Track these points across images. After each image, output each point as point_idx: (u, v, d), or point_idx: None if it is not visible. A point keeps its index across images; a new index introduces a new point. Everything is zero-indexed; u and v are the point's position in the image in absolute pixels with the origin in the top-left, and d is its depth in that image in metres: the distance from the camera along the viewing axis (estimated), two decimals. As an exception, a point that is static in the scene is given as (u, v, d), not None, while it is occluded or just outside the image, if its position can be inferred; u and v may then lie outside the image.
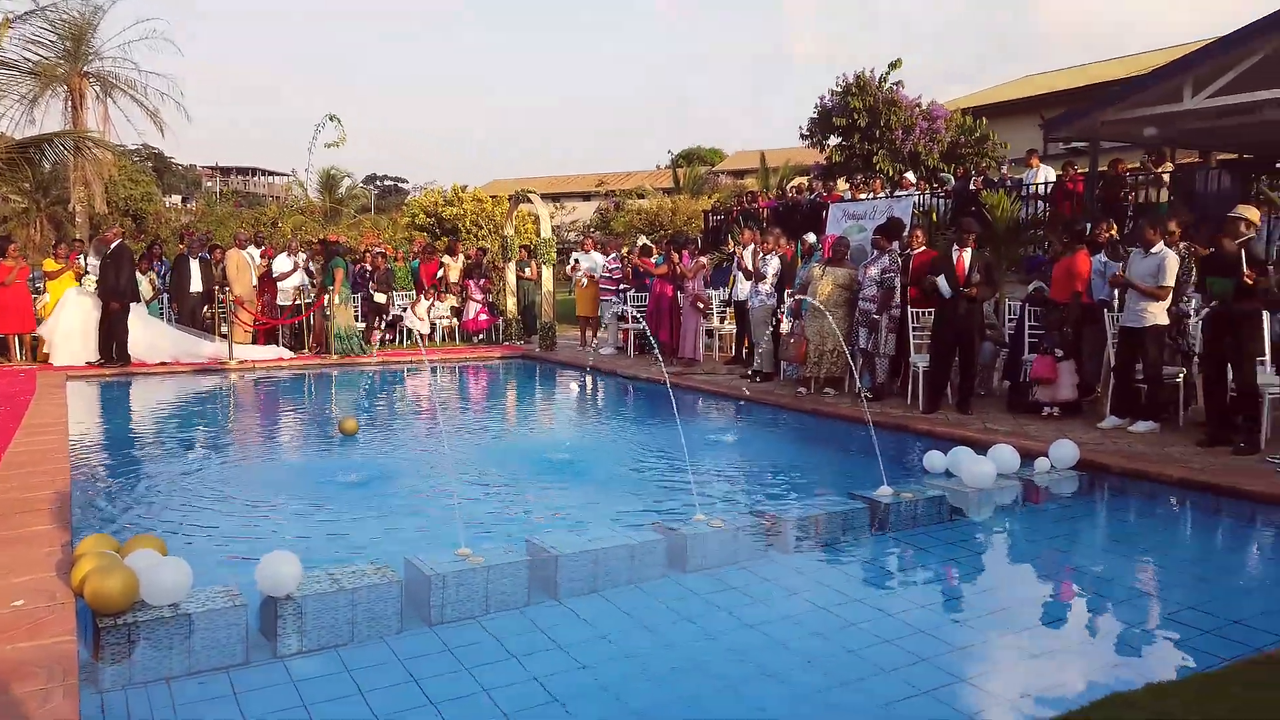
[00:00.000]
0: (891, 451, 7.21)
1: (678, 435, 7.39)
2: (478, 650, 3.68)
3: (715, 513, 5.14)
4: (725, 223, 19.01)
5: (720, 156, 48.91)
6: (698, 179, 34.23)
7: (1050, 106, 21.31)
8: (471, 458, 7.58)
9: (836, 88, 20.00)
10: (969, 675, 3.56)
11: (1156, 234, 7.41)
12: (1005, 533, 5.73)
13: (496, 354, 14.78)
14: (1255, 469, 6.12)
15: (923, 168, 19.15)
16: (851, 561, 5.06)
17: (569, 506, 6.11)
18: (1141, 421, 7.41)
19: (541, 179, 51.72)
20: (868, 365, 9.53)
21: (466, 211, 24.11)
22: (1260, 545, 5.44)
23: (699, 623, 4.02)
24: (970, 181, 14.82)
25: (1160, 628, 4.21)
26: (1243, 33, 11.10)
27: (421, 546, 4.54)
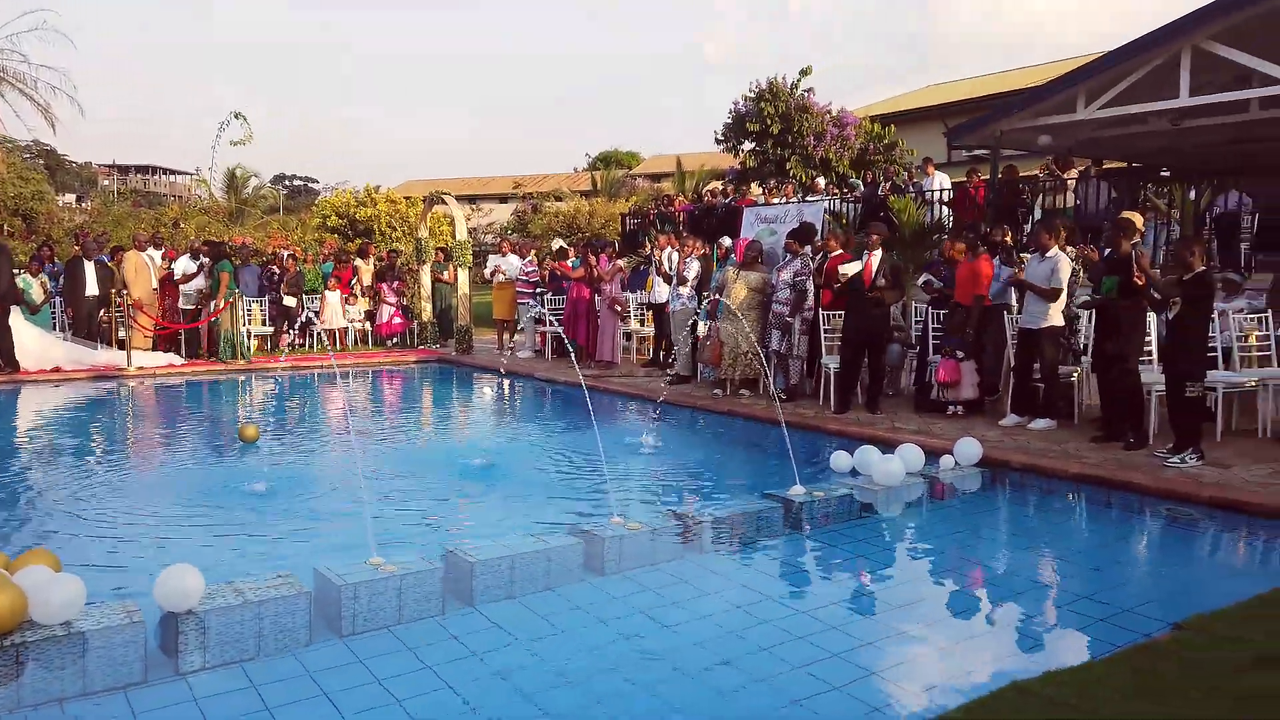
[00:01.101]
0: (804, 451, 7.34)
1: (595, 438, 7.40)
2: (391, 661, 3.61)
3: (633, 515, 5.16)
4: (642, 226, 19.11)
5: (637, 160, 49.09)
6: (615, 182, 34.30)
7: (955, 115, 22.05)
8: (384, 464, 7.44)
9: (750, 93, 20.30)
10: (878, 669, 3.65)
11: (1051, 239, 7.74)
12: (912, 529, 5.90)
13: (411, 358, 14.54)
14: (1143, 463, 6.44)
15: (834, 173, 19.59)
16: (766, 560, 5.15)
17: (485, 512, 6.06)
18: (1039, 419, 7.73)
19: (458, 180, 51.07)
20: (781, 367, 9.69)
21: (380, 213, 23.66)
22: (1148, 536, 5.73)
23: (616, 625, 4.03)
24: (879, 187, 15.22)
25: (1058, 618, 4.40)
26: (1129, 48, 11.67)
27: (332, 556, 4.44)
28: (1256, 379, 7.46)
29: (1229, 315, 7.97)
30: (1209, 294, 6.61)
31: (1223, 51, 10.93)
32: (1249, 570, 5.17)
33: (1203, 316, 6.51)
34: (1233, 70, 11.51)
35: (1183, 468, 6.27)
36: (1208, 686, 3.02)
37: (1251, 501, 5.46)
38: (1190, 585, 4.78)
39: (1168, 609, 4.09)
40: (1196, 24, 10.95)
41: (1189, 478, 6.03)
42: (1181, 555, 5.41)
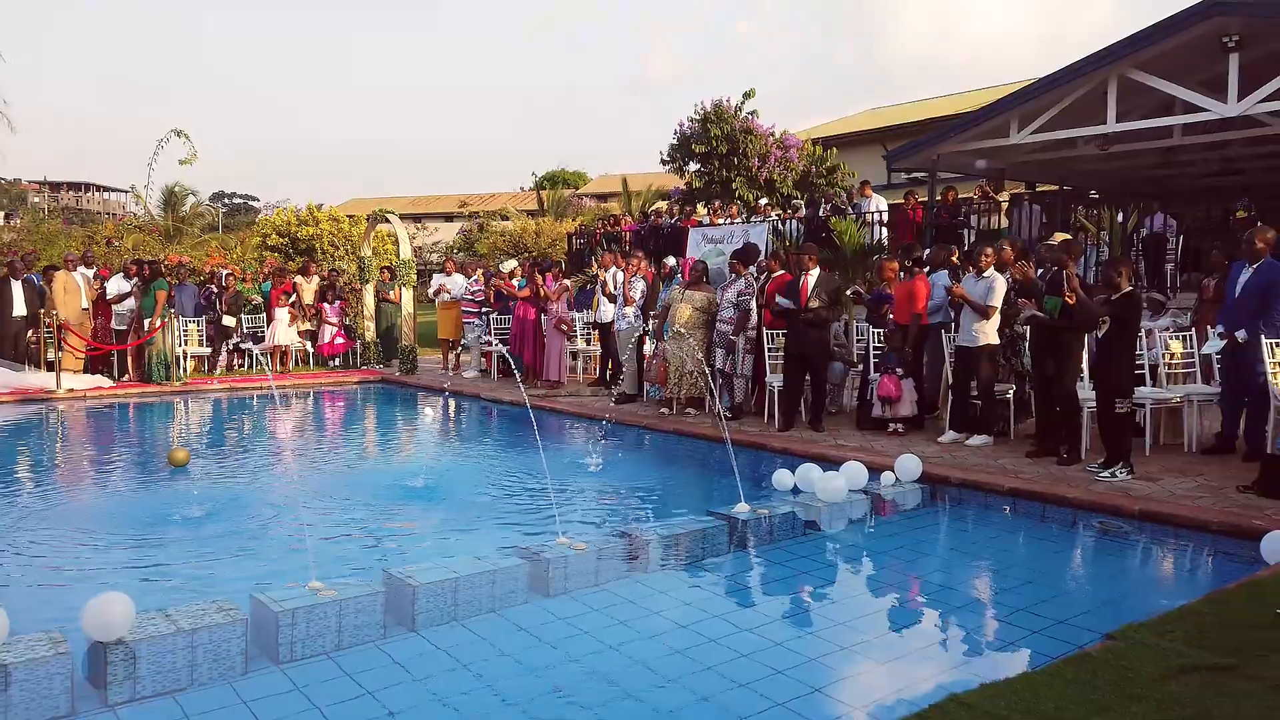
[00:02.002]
0: (749, 469, 7.41)
1: (541, 458, 7.37)
2: (330, 688, 3.54)
3: (579, 535, 5.14)
4: (589, 245, 19.15)
5: (584, 179, 49.19)
6: (561, 201, 34.34)
7: (894, 138, 22.52)
8: (325, 487, 7.31)
9: (696, 115, 20.51)
10: (822, 685, 3.68)
11: (988, 259, 7.94)
12: (854, 545, 5.97)
13: (354, 378, 14.33)
14: (1076, 478, 6.62)
15: (778, 194, 19.86)
16: (711, 578, 5.17)
17: (428, 534, 5.98)
18: (977, 435, 7.90)
19: (402, 199, 50.64)
20: (727, 385, 9.77)
21: (323, 232, 23.33)
22: (1081, 548, 5.88)
23: (561, 647, 4.00)
24: (819, 209, 15.48)
25: (996, 630, 4.49)
26: (1059, 75, 12.11)
27: (270, 582, 4.34)
28: (1182, 395, 7.72)
29: (1155, 333, 8.24)
30: (1136, 313, 6.83)
31: (1146, 80, 11.38)
32: (1176, 581, 5.34)
33: (1131, 335, 6.73)
34: (1157, 98, 12.00)
35: (1113, 481, 6.45)
36: (1135, 694, 3.11)
37: (1178, 514, 5.63)
38: (1121, 596, 4.91)
39: (1100, 619, 4.20)
40: (1121, 53, 11.40)
41: (1119, 491, 6.20)
42: (1113, 567, 5.57)
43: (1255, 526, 5.17)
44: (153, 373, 12.77)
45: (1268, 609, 3.91)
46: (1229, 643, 3.56)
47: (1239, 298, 7.08)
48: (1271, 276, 6.98)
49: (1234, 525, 5.35)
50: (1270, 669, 3.30)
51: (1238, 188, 14.54)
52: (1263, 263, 7.01)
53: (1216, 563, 5.27)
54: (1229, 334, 7.02)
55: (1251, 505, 5.78)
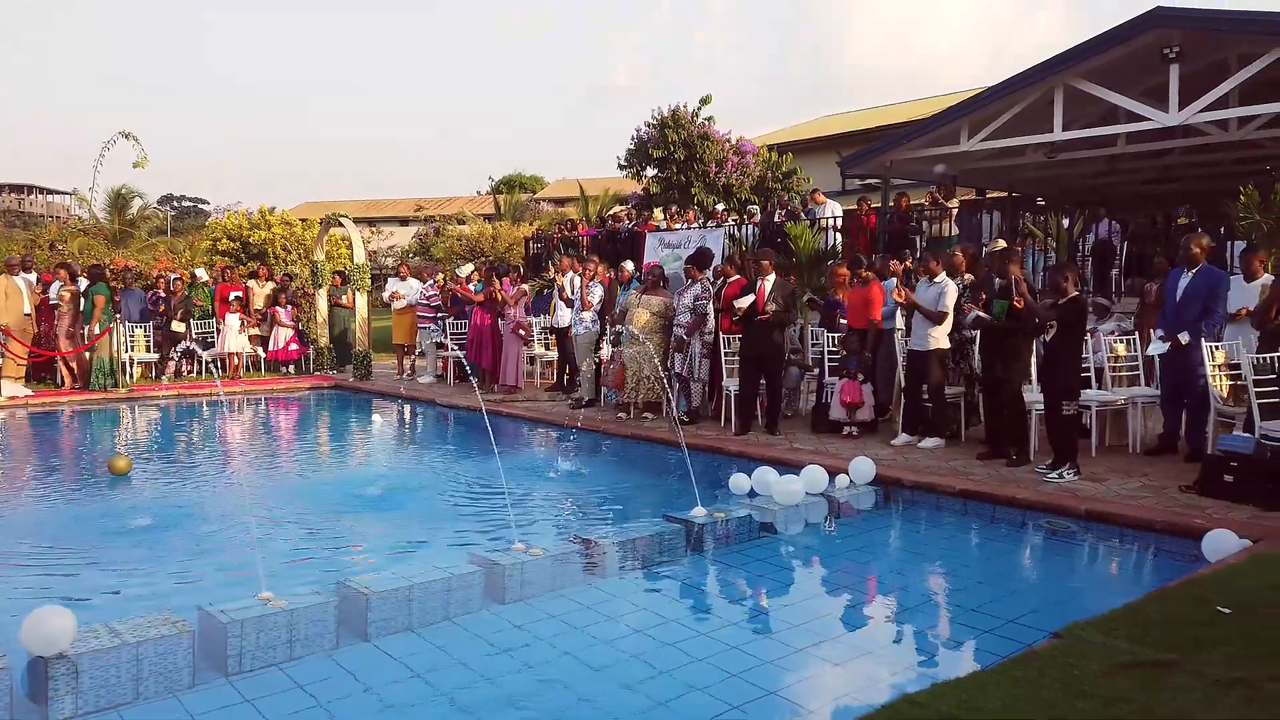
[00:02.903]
0: (706, 473, 7.44)
1: (498, 464, 7.33)
2: (281, 700, 3.49)
3: (535, 541, 5.12)
4: (546, 250, 19.09)
5: (541, 184, 49.07)
6: (519, 206, 34.19)
7: (849, 144, 22.81)
8: (277, 496, 7.20)
9: (653, 120, 20.58)
10: (777, 687, 3.71)
11: (939, 265, 8.08)
12: (810, 547, 6.03)
13: (306, 384, 14.12)
14: (1025, 479, 6.75)
15: (735, 200, 19.99)
16: (668, 583, 5.18)
17: (383, 542, 5.91)
18: (929, 438, 8.02)
19: (357, 202, 50.07)
20: (683, 390, 9.80)
21: (275, 236, 22.98)
22: (1029, 548, 5.99)
23: (517, 654, 3.98)
24: (774, 215, 15.61)
25: (947, 630, 4.57)
26: (1008, 84, 12.34)
27: (219, 593, 4.27)
28: (1126, 397, 7.91)
29: (1101, 337, 8.44)
30: (1082, 317, 6.99)
31: (1092, 89, 11.66)
32: (1121, 579, 5.47)
33: (1077, 338, 6.88)
34: (1102, 107, 12.29)
35: (1060, 482, 6.59)
36: (1081, 691, 3.18)
37: (1123, 514, 5.77)
38: (1068, 595, 5.01)
39: (1047, 618, 4.28)
40: (1067, 63, 11.66)
41: (1066, 492, 6.34)
42: (1060, 566, 5.68)
43: (1196, 525, 5.31)
44: (96, 380, 12.47)
45: (1208, 606, 4.02)
46: (1171, 639, 3.65)
47: (1179, 302, 7.28)
48: (1209, 281, 7.19)
49: (1176, 524, 5.49)
50: (1209, 664, 3.39)
51: (1176, 195, 14.96)
52: (1200, 268, 7.22)
53: (1159, 561, 5.41)
54: (1170, 337, 7.21)
55: (1193, 505, 5.94)
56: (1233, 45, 11.08)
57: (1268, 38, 10.29)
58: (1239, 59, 10.98)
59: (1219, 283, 7.25)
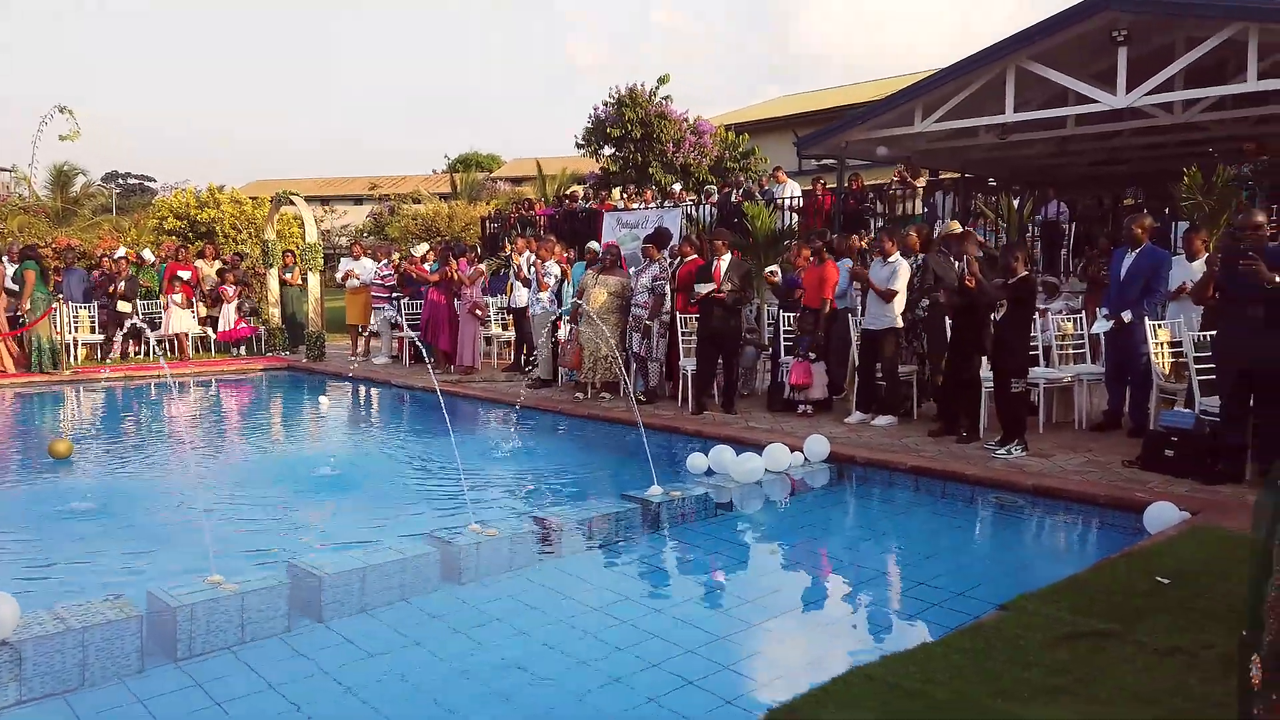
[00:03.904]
0: (663, 452, 7.48)
1: (454, 444, 7.29)
2: (232, 683, 3.45)
3: (491, 521, 5.11)
4: (503, 229, 18.95)
5: (498, 163, 48.58)
6: (475, 185, 33.85)
7: (806, 125, 22.90)
8: (227, 478, 7.09)
9: (610, 99, 20.47)
10: (731, 662, 3.75)
11: (893, 244, 8.16)
12: (765, 524, 6.10)
13: (258, 366, 13.88)
14: (974, 455, 6.88)
15: (693, 179, 20.00)
16: (624, 561, 5.21)
17: (336, 524, 5.86)
18: (882, 416, 8.13)
19: (309, 180, 49.12)
20: (641, 369, 9.82)
21: (224, 214, 22.50)
22: (978, 523, 6.12)
23: (473, 634, 3.98)
24: (732, 194, 15.64)
25: (899, 604, 4.65)
26: (961, 65, 12.46)
27: (169, 577, 4.20)
28: (1073, 375, 8.09)
29: (1049, 315, 8.61)
30: (1031, 296, 7.11)
31: (1042, 71, 11.82)
32: (1065, 552, 5.61)
33: (1026, 317, 7.01)
34: (1052, 89, 12.47)
35: (1009, 458, 6.72)
36: (1026, 661, 3.26)
37: (1068, 489, 5.91)
38: (1014, 568, 5.13)
39: (994, 591, 4.38)
40: (1019, 45, 11.80)
41: (1014, 468, 6.48)
42: (1007, 540, 5.82)
43: (1138, 499, 5.46)
44: (35, 361, 12.13)
45: (1148, 577, 4.14)
46: (1113, 609, 3.76)
47: (1122, 281, 7.44)
48: (1151, 261, 7.36)
49: (1119, 498, 5.64)
50: (1148, 633, 3.50)
51: (1123, 176, 15.26)
52: (1143, 248, 7.38)
53: (1103, 534, 5.55)
54: (1115, 316, 7.37)
55: (1135, 479, 6.10)
56: (1179, 29, 11.30)
57: (1212, 21, 10.51)
58: (1185, 42, 11.21)
59: (1161, 262, 7.42)
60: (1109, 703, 2.94)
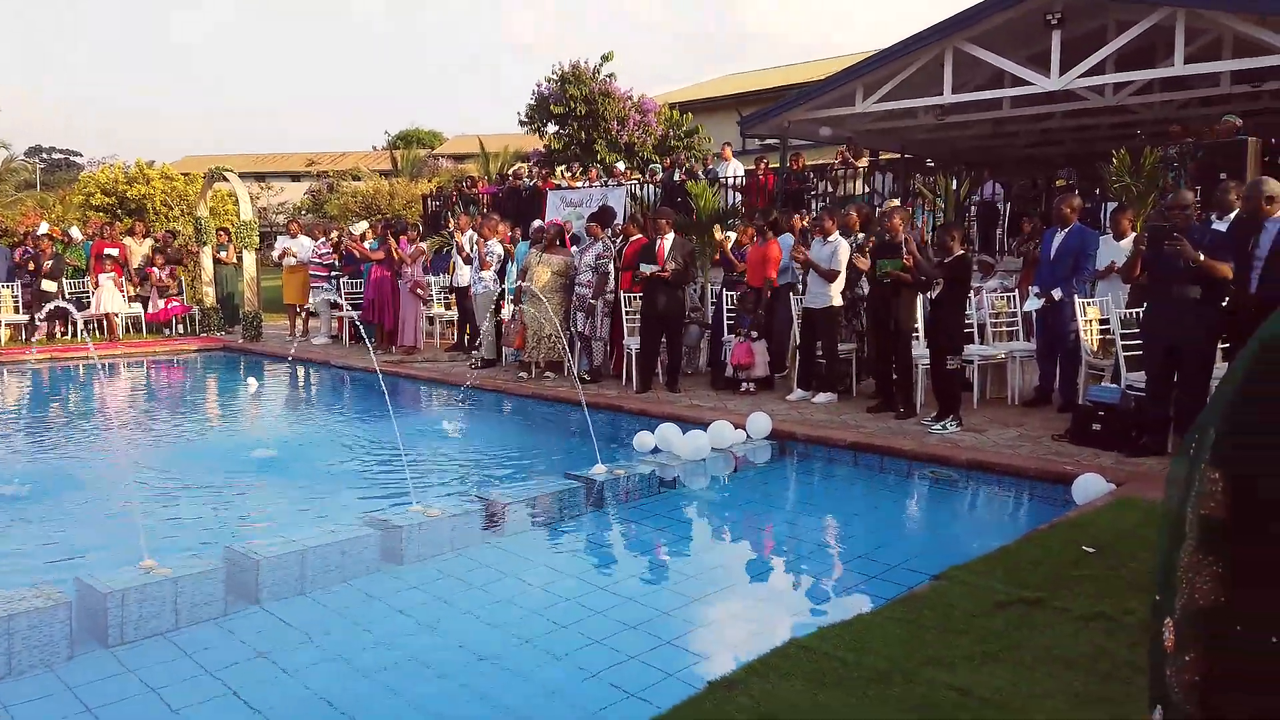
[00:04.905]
0: (607, 431, 7.49)
1: (396, 425, 7.21)
2: (166, 669, 3.39)
3: (434, 502, 5.08)
4: (445, 207, 18.70)
5: (440, 140, 47.79)
6: (417, 162, 33.27)
7: (749, 104, 22.94)
8: (160, 461, 6.93)
9: (553, 76, 20.27)
10: (674, 637, 3.79)
11: (833, 223, 8.25)
12: (708, 501, 6.16)
13: (192, 346, 13.54)
14: (912, 431, 7.03)
15: (638, 158, 19.94)
16: (568, 540, 5.22)
17: (275, 507, 5.77)
18: (822, 393, 8.25)
19: (245, 156, 47.82)
20: (585, 349, 9.81)
21: (155, 191, 21.81)
22: (915, 496, 6.27)
23: (414, 614, 3.96)
24: (675, 173, 15.64)
25: (837, 576, 4.75)
26: (900, 46, 12.60)
27: (99, 562, 4.10)
28: (1006, 352, 8.29)
29: (984, 294, 8.80)
30: (967, 275, 7.26)
31: (979, 53, 12.01)
32: (997, 524, 5.77)
33: (961, 296, 7.16)
34: (989, 71, 12.68)
35: (944, 434, 6.88)
36: (957, 629, 3.36)
37: (1001, 462, 6.08)
38: (948, 540, 5.27)
39: (929, 562, 4.49)
40: (956, 27, 11.97)
41: (949, 443, 6.63)
42: (943, 513, 5.97)
43: (1067, 472, 5.64)
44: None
45: (1075, 546, 4.29)
46: (1040, 578, 3.89)
47: (1052, 260, 7.63)
48: (1080, 240, 7.56)
49: (1048, 471, 5.82)
50: (1073, 600, 3.63)
51: (1057, 157, 15.61)
52: (1072, 227, 7.58)
53: (1033, 505, 5.73)
54: (1045, 294, 7.57)
55: (1064, 452, 6.30)
56: (1110, 13, 11.56)
57: (1142, 5, 10.77)
58: (1116, 26, 11.48)
59: (1089, 241, 7.63)
60: (1033, 667, 3.05)
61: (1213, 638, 1.20)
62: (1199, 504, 1.21)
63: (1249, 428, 1.17)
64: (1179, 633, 1.24)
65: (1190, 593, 1.22)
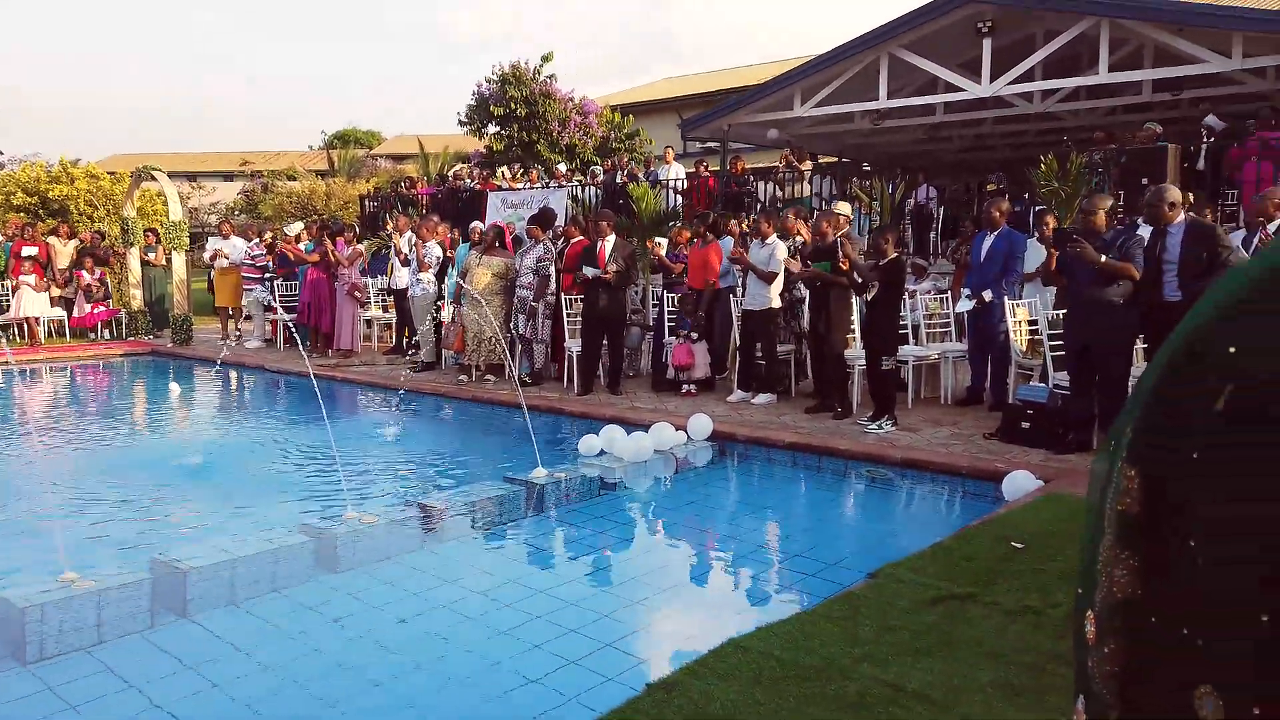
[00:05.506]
0: (548, 434, 7.46)
1: (331, 430, 7.08)
2: (88, 684, 3.28)
3: (372, 508, 5.00)
4: (383, 208, 18.44)
5: (378, 139, 47.14)
6: (354, 162, 32.75)
7: (690, 107, 23.08)
8: (84, 470, 6.69)
9: (494, 76, 20.13)
10: (613, 640, 3.79)
11: (770, 226, 8.34)
12: (648, 503, 6.17)
13: (119, 351, 13.12)
14: (848, 431, 7.13)
15: (579, 160, 19.90)
16: (507, 544, 5.18)
17: (205, 516, 5.61)
18: (762, 394, 8.32)
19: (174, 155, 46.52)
20: (526, 351, 9.75)
21: (79, 191, 21.09)
22: (852, 495, 6.36)
23: (349, 623, 3.89)
24: (617, 175, 15.66)
25: (776, 576, 4.78)
26: (836, 52, 12.79)
27: (17, 577, 3.95)
28: (939, 352, 8.46)
29: (918, 296, 8.97)
30: (901, 278, 7.39)
31: (913, 59, 12.25)
32: (932, 520, 5.87)
33: (896, 298, 7.29)
34: (924, 77, 12.95)
35: (880, 433, 7.00)
36: (891, 626, 3.41)
37: (934, 461, 6.20)
38: (884, 537, 5.35)
39: (865, 560, 4.56)
40: (890, 33, 12.19)
41: (885, 442, 6.75)
42: (878, 511, 6.06)
43: (997, 469, 5.78)
44: None
45: (1005, 542, 4.39)
46: (972, 574, 3.97)
47: (982, 263, 7.82)
48: (1008, 243, 7.76)
49: (980, 469, 5.95)
50: (1002, 594, 3.72)
51: (989, 162, 16.02)
52: (1001, 230, 7.77)
53: (965, 503, 5.85)
54: (976, 295, 7.74)
55: (995, 450, 6.45)
56: (1039, 22, 11.90)
57: (1069, 15, 11.11)
58: (1045, 35, 11.81)
59: (1017, 244, 7.82)
60: (964, 661, 3.11)
61: (1130, 630, 1.23)
62: (1116, 500, 1.24)
63: (1161, 428, 1.20)
64: (1099, 625, 1.27)
65: (1109, 586, 1.25)
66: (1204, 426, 1.13)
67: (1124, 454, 1.23)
